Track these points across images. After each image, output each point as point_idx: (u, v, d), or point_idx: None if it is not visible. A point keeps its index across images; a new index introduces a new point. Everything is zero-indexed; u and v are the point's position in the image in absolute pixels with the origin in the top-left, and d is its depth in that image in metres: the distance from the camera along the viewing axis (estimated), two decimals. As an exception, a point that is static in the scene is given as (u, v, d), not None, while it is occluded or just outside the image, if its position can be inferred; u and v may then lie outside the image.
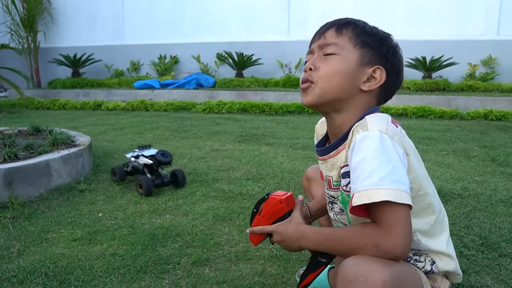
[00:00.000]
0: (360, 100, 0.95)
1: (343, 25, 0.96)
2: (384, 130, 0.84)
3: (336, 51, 0.94)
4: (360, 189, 0.81)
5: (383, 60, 0.95)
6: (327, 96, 0.94)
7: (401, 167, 0.82)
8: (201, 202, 2.03)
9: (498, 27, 6.27)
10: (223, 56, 7.24)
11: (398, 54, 0.98)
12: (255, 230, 1.06)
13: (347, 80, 0.93)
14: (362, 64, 0.93)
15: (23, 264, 1.44)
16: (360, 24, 0.97)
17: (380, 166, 0.80)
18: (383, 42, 0.96)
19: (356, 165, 0.83)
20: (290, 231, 0.98)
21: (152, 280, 1.34)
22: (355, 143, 0.85)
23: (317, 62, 0.96)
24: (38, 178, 2.13)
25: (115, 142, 3.46)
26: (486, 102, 4.98)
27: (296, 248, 0.96)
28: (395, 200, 0.78)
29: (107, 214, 1.91)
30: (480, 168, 2.56)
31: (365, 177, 0.80)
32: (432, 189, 0.96)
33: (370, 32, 0.95)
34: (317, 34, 1.00)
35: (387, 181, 0.79)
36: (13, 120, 4.90)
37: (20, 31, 8.08)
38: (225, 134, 3.74)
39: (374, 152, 0.81)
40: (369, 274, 0.76)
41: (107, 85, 7.54)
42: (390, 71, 0.96)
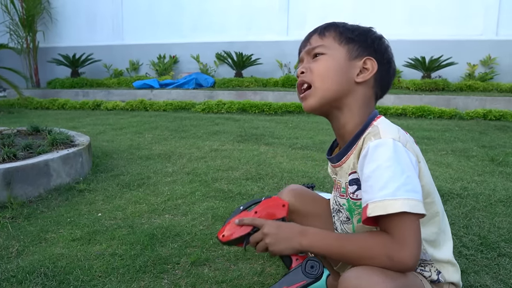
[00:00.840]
0: (358, 94, 0.95)
1: (324, 29, 0.98)
2: (397, 137, 0.84)
3: (324, 51, 0.95)
4: (375, 200, 0.79)
5: (371, 51, 0.95)
6: (327, 95, 0.94)
7: (415, 176, 0.81)
8: (200, 202, 2.03)
9: (497, 27, 6.27)
10: (222, 56, 7.23)
11: (384, 43, 0.98)
12: (245, 221, 0.94)
13: (340, 75, 0.94)
14: (351, 58, 0.94)
15: (22, 264, 1.44)
16: (340, 24, 0.99)
17: (395, 175, 0.79)
18: (367, 34, 0.97)
19: (370, 174, 0.81)
20: (289, 225, 0.91)
21: (151, 280, 1.34)
22: (367, 151, 0.83)
23: (307, 64, 0.97)
24: (37, 178, 2.13)
25: (114, 142, 3.46)
26: (485, 102, 4.99)
27: (293, 245, 0.87)
28: (411, 210, 0.77)
29: (106, 214, 1.91)
30: (479, 168, 2.57)
31: (380, 187, 0.79)
32: (438, 197, 0.95)
33: (352, 28, 0.97)
34: (302, 43, 1.02)
35: (402, 191, 0.78)
36: (12, 120, 4.90)
37: (19, 31, 8.07)
38: (224, 134, 3.74)
39: (388, 161, 0.80)
40: (371, 286, 0.74)
41: (106, 85, 7.53)
42: (380, 60, 0.96)
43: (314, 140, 3.48)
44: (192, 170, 2.58)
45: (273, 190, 2.18)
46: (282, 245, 0.88)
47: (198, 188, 2.24)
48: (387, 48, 0.98)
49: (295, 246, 0.86)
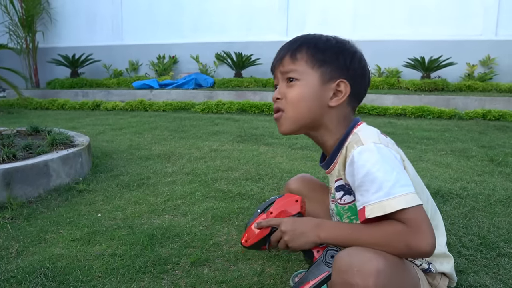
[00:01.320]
0: (333, 115, 0.98)
1: (296, 50, 0.97)
2: (378, 140, 0.88)
3: (297, 76, 0.96)
4: (371, 202, 0.83)
5: (344, 71, 0.96)
6: (299, 122, 0.98)
7: (403, 170, 0.86)
8: (200, 202, 2.03)
9: (496, 27, 6.28)
10: (222, 56, 7.24)
11: (357, 57, 0.98)
12: (262, 223, 0.98)
13: (313, 102, 0.96)
14: (324, 82, 0.95)
15: (22, 264, 1.44)
16: (312, 43, 0.98)
17: (386, 176, 0.82)
18: (339, 53, 0.97)
19: (362, 179, 0.85)
20: (304, 220, 0.94)
21: (151, 280, 1.34)
22: (352, 158, 0.87)
23: (282, 90, 0.99)
24: (36, 178, 2.13)
25: (114, 142, 3.46)
26: (485, 102, 5.00)
27: (311, 239, 0.90)
28: (407, 205, 0.80)
29: (106, 214, 1.91)
30: (479, 168, 2.57)
31: (375, 189, 0.82)
32: (425, 196, 0.98)
33: (324, 48, 0.96)
34: (276, 59, 1.03)
35: (396, 189, 0.81)
36: (12, 120, 4.90)
37: (18, 31, 8.07)
38: (224, 134, 3.74)
39: (376, 164, 0.84)
40: (363, 263, 0.77)
41: (106, 85, 7.53)
42: (354, 77, 0.97)
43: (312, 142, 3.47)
44: (191, 170, 2.58)
45: (273, 190, 2.18)
46: (301, 240, 0.91)
47: (198, 188, 2.24)
48: (360, 61, 0.99)
49: (314, 239, 0.90)
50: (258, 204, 1.98)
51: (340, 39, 1.00)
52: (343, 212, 0.99)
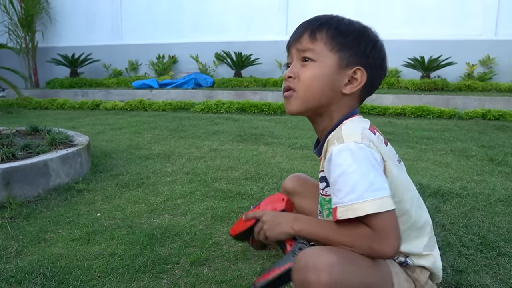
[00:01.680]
0: (342, 103, 0.95)
1: (316, 29, 0.93)
2: (359, 140, 0.86)
3: (313, 57, 0.92)
4: (344, 204, 0.83)
5: (363, 58, 0.93)
6: (309, 103, 0.95)
7: (380, 172, 0.85)
8: (199, 202, 2.03)
9: (496, 27, 6.28)
10: (222, 56, 7.23)
11: (378, 46, 0.95)
12: (249, 215, 1.06)
13: (327, 86, 0.93)
14: (341, 67, 0.92)
15: (21, 264, 1.43)
16: (333, 24, 0.93)
17: (361, 178, 0.82)
18: (361, 39, 0.93)
19: (336, 178, 0.85)
20: (284, 214, 1.01)
21: (151, 280, 1.34)
22: (331, 156, 0.86)
23: (295, 69, 0.95)
24: (36, 178, 2.12)
25: (114, 142, 3.45)
26: (484, 102, 4.99)
27: (285, 229, 0.94)
28: (379, 210, 0.81)
29: (106, 214, 1.91)
30: (479, 168, 2.57)
31: (347, 191, 0.82)
32: (409, 196, 0.96)
33: (346, 31, 0.92)
34: (293, 36, 0.98)
35: (369, 192, 0.81)
36: (11, 120, 4.89)
37: (18, 31, 8.06)
38: (223, 134, 3.74)
39: (353, 165, 0.83)
40: (317, 260, 0.79)
41: (105, 85, 7.52)
42: (372, 66, 0.94)
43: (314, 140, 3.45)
44: (191, 170, 2.58)
45: (273, 190, 2.18)
46: (277, 230, 0.95)
47: (198, 188, 2.23)
48: (381, 51, 0.96)
49: (288, 230, 0.94)
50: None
51: (363, 25, 0.95)
52: (324, 203, 1.00)
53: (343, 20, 0.95)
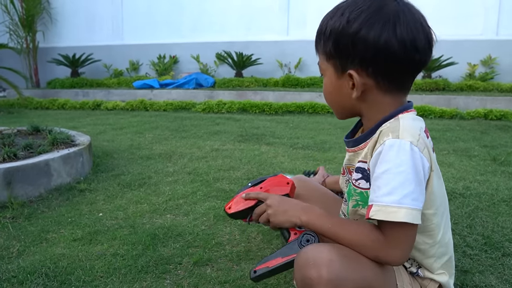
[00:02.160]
0: (366, 104, 0.87)
1: (316, 42, 0.90)
2: (416, 141, 0.79)
3: (322, 71, 0.92)
4: (379, 203, 0.79)
5: (352, 58, 0.82)
6: (336, 111, 0.95)
7: (421, 183, 0.79)
8: (202, 202, 2.02)
9: (497, 27, 6.27)
10: (223, 56, 7.22)
11: (362, 38, 0.78)
12: (251, 194, 1.00)
13: (337, 96, 0.90)
14: (339, 75, 0.87)
15: (23, 264, 1.42)
16: (321, 31, 0.86)
17: (405, 182, 0.77)
18: (340, 38, 0.82)
19: (380, 175, 0.79)
20: (292, 200, 0.94)
21: (153, 280, 1.33)
22: (382, 149, 0.79)
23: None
24: (37, 177, 2.12)
25: (115, 142, 3.45)
26: (486, 102, 4.98)
27: (292, 219, 0.90)
28: (412, 221, 0.77)
29: (108, 214, 1.90)
30: (481, 168, 2.56)
31: (387, 191, 0.78)
32: (443, 211, 0.91)
33: (338, 36, 0.83)
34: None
35: (408, 200, 0.77)
36: (12, 120, 4.88)
37: (19, 31, 8.05)
38: (225, 134, 3.73)
39: (401, 166, 0.77)
40: (317, 256, 0.78)
41: (106, 85, 7.52)
42: (369, 62, 0.81)
43: (315, 140, 3.46)
44: (193, 170, 2.57)
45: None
46: (283, 217, 0.91)
47: (200, 188, 2.23)
48: (376, 40, 0.78)
49: (294, 220, 0.90)
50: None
51: (365, 21, 0.79)
52: (354, 193, 0.94)
53: (325, 23, 0.85)
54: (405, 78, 0.85)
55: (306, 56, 6.85)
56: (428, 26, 0.84)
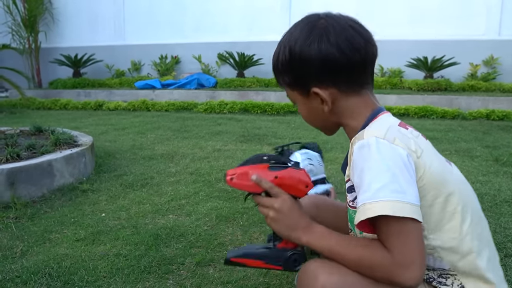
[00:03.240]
0: (341, 114, 0.88)
1: (276, 78, 0.94)
2: (382, 135, 0.77)
3: (292, 100, 0.94)
4: (358, 204, 0.74)
5: (306, 78, 0.86)
6: (322, 129, 0.97)
7: (404, 174, 0.72)
8: (204, 202, 2.02)
9: (499, 27, 6.26)
10: (224, 56, 7.23)
11: (297, 56, 0.85)
12: (263, 183, 0.87)
13: (314, 116, 0.92)
14: (306, 98, 0.89)
15: (26, 264, 1.43)
16: (276, 67, 0.91)
17: (377, 175, 0.72)
18: (285, 65, 0.88)
19: (357, 180, 0.77)
20: (299, 216, 0.85)
21: (156, 280, 1.34)
22: (353, 156, 0.79)
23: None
24: (40, 178, 2.13)
25: (117, 142, 3.46)
26: (488, 102, 4.98)
27: (291, 236, 0.84)
28: (394, 213, 0.69)
29: (110, 214, 1.90)
30: (484, 168, 2.56)
31: (363, 191, 0.74)
32: (459, 196, 0.80)
33: (279, 67, 0.90)
34: None
35: (384, 192, 0.71)
36: (14, 120, 4.90)
37: (21, 31, 8.07)
38: (227, 134, 3.73)
39: (369, 161, 0.74)
40: (310, 281, 0.76)
41: (108, 85, 7.53)
42: (321, 75, 0.84)
43: (317, 140, 3.46)
44: (195, 170, 2.57)
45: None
46: (282, 229, 0.85)
47: (202, 188, 2.23)
48: (312, 55, 0.83)
49: (293, 236, 0.84)
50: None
51: (289, 48, 0.87)
52: (354, 215, 0.86)
53: (284, 54, 0.88)
54: (361, 76, 0.87)
55: (308, 56, 6.84)
56: (359, 25, 0.87)
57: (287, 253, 0.86)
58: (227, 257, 0.89)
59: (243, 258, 0.87)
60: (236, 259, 0.87)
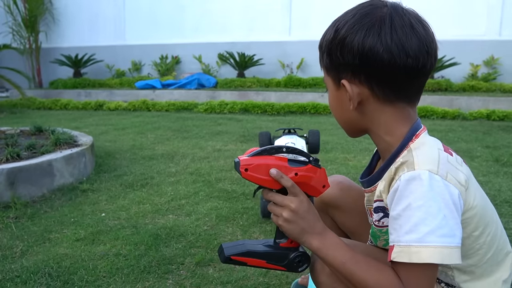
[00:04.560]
0: (369, 118, 0.80)
1: (319, 58, 0.85)
2: (435, 169, 0.70)
3: (326, 85, 0.86)
4: (401, 243, 0.69)
5: (344, 68, 0.77)
6: (344, 127, 0.87)
7: (454, 214, 0.69)
8: (204, 202, 2.02)
9: (500, 28, 6.26)
10: (225, 56, 7.24)
11: (348, 45, 0.75)
12: (284, 179, 0.78)
13: (338, 109, 0.84)
14: (337, 87, 0.80)
15: (26, 264, 1.43)
16: (320, 45, 0.82)
17: (428, 217, 0.67)
18: (330, 48, 0.78)
19: (400, 213, 0.70)
20: (315, 220, 0.79)
21: (156, 280, 1.34)
22: (399, 185, 0.71)
23: None
24: (40, 178, 2.13)
25: (117, 142, 3.46)
26: (489, 103, 4.97)
27: (302, 239, 0.78)
28: (442, 262, 0.67)
29: (110, 214, 1.90)
30: (484, 169, 2.55)
31: (408, 229, 0.68)
32: (491, 226, 0.79)
33: (323, 46, 0.80)
34: None
35: (434, 237, 0.67)
36: (15, 120, 4.90)
37: (21, 31, 8.08)
38: (227, 134, 3.73)
39: (421, 200, 0.68)
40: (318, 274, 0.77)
41: (108, 85, 7.54)
42: (362, 70, 0.75)
43: (317, 140, 3.46)
44: (195, 170, 2.57)
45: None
46: (294, 231, 0.78)
47: (202, 188, 2.23)
48: (355, 44, 0.74)
49: (303, 241, 0.78)
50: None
51: (335, 28, 0.78)
52: (380, 234, 0.86)
53: (330, 33, 0.79)
54: (402, 85, 0.76)
55: (308, 57, 6.85)
56: (425, 29, 0.77)
57: (291, 253, 0.82)
58: (226, 254, 0.83)
59: (244, 257, 0.83)
60: (236, 258, 0.83)
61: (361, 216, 0.96)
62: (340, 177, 1.08)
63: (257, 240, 0.88)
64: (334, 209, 1.06)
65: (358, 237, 1.02)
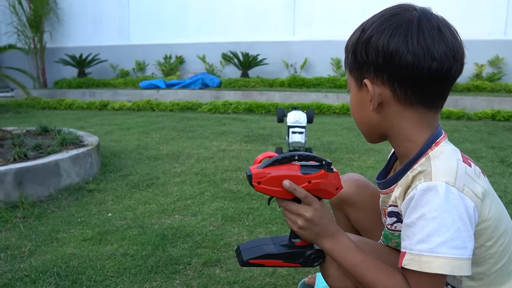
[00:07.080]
0: (389, 121, 0.79)
1: (344, 60, 0.85)
2: (452, 181, 0.70)
3: (348, 86, 0.85)
4: (412, 252, 0.71)
5: (367, 67, 0.77)
6: (363, 131, 0.86)
7: (467, 227, 0.70)
8: (209, 203, 2.03)
9: (505, 27, 6.23)
10: (228, 56, 7.24)
11: (373, 44, 0.75)
12: (297, 191, 0.79)
13: (359, 111, 0.83)
14: (359, 87, 0.80)
15: (35, 263, 1.45)
16: (346, 45, 0.82)
17: (441, 229, 0.68)
18: (356, 47, 0.78)
19: (414, 221, 0.71)
20: (329, 223, 0.80)
21: (163, 280, 1.35)
22: (415, 194, 0.72)
23: None
24: (47, 178, 2.14)
25: (122, 142, 3.47)
26: (494, 103, 4.95)
27: (316, 241, 0.81)
28: (452, 273, 0.68)
29: (117, 214, 1.92)
30: (489, 169, 2.55)
31: (420, 239, 0.70)
32: (505, 236, 0.79)
33: (356, 46, 0.79)
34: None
35: (446, 248, 0.68)
36: (20, 120, 4.93)
37: (26, 32, 8.13)
38: (231, 134, 3.74)
39: (436, 211, 0.69)
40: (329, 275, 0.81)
41: (112, 85, 7.57)
42: (386, 71, 0.75)
43: (322, 140, 3.47)
44: (200, 170, 2.58)
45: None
46: (309, 236, 0.81)
47: (207, 188, 2.24)
48: (379, 44, 0.74)
49: (318, 243, 0.81)
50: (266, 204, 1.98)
51: (362, 28, 0.78)
52: (392, 237, 0.89)
53: (357, 34, 0.80)
54: (425, 88, 0.75)
55: (312, 56, 6.85)
56: (452, 34, 0.77)
57: (307, 251, 0.85)
58: (244, 258, 0.84)
59: (262, 259, 0.84)
60: (255, 261, 0.84)
61: (375, 214, 0.98)
62: (356, 175, 1.09)
63: (271, 238, 0.90)
64: (349, 207, 1.07)
65: (371, 235, 1.03)
